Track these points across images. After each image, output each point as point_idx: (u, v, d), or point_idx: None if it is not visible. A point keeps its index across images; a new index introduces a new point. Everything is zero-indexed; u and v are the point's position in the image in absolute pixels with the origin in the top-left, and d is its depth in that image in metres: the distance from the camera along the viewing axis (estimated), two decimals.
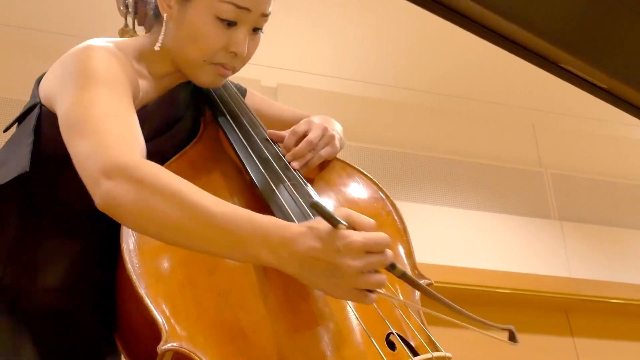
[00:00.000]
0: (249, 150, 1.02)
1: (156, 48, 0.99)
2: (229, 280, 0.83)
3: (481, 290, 2.92)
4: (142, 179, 0.74)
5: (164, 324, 0.73)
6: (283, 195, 0.93)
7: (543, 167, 3.53)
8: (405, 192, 3.20)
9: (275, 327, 0.80)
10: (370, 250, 0.70)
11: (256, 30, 1.02)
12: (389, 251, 0.72)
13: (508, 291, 2.96)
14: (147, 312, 0.75)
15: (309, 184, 0.99)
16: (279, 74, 3.17)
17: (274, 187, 0.95)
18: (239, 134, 1.05)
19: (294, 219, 0.89)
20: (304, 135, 1.05)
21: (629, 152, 3.72)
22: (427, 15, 0.62)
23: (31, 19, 2.91)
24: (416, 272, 1.01)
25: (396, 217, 1.08)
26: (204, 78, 1.00)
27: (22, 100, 2.78)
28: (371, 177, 1.12)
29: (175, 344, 0.73)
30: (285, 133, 1.07)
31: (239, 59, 1.00)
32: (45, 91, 0.95)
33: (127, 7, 1.20)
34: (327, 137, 1.07)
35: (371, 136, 3.32)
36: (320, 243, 0.69)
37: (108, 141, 0.78)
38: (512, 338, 0.80)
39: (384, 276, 0.72)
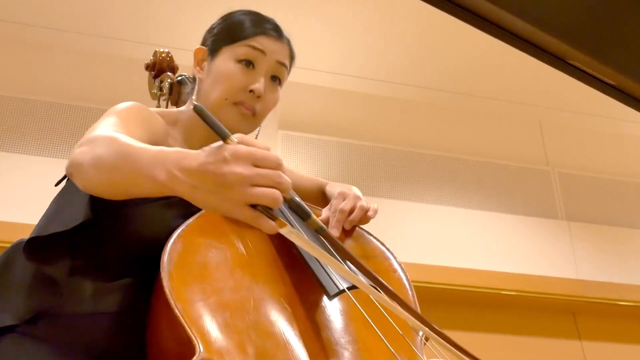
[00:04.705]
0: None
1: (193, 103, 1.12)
2: (257, 310, 0.89)
3: (486, 292, 2.89)
4: (94, 139, 0.90)
5: (197, 340, 0.78)
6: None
7: (550, 166, 3.50)
8: (410, 192, 3.18)
9: (300, 351, 0.85)
10: (258, 163, 0.72)
11: (275, 79, 1.14)
12: (285, 177, 0.73)
13: (514, 293, 2.93)
14: (182, 330, 0.80)
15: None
16: None
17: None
18: None
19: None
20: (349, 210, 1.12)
21: (639, 150, 3.69)
22: (432, 12, 0.61)
23: (31, 15, 2.90)
24: (416, 320, 1.00)
25: (402, 275, 1.11)
26: (228, 118, 1.11)
27: (24, 99, 2.79)
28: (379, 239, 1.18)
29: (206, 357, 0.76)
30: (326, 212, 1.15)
31: (257, 100, 1.12)
32: None
33: (161, 89, 1.41)
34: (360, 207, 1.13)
35: (375, 134, 3.31)
36: (208, 157, 0.74)
37: (95, 130, 0.95)
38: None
39: (277, 192, 0.72)
